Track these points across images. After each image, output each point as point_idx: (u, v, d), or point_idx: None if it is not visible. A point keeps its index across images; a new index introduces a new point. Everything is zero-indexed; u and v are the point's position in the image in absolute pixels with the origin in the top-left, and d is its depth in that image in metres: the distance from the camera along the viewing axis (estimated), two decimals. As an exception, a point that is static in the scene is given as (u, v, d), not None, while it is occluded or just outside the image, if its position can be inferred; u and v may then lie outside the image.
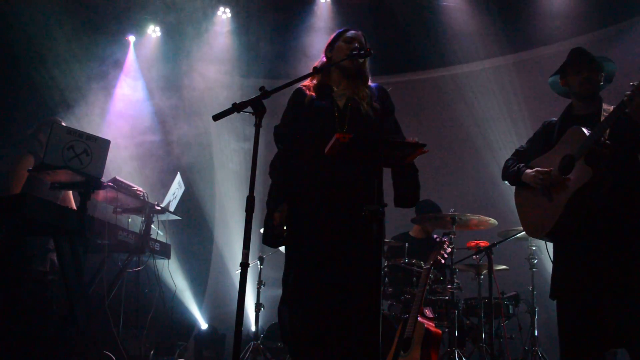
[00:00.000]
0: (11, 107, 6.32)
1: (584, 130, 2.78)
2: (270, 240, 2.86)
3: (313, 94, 2.94)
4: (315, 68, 2.75)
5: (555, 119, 3.13)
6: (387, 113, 2.96)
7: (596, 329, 2.72)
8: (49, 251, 4.46)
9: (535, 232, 3.05)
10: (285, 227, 2.82)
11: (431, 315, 4.38)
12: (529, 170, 3.02)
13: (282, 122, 3.00)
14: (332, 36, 3.07)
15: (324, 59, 3.02)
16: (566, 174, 2.83)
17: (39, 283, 4.39)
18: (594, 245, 2.77)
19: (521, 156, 3.24)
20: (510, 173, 3.16)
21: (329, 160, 2.47)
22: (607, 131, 2.71)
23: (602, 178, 2.71)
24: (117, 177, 4.65)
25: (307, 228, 2.76)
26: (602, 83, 3.01)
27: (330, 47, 3.02)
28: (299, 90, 3.00)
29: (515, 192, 3.19)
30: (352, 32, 3.01)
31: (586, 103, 2.99)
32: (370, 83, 3.01)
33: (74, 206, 4.77)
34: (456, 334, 4.47)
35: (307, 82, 3.01)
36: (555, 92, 3.18)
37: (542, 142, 3.15)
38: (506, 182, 3.24)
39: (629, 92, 2.63)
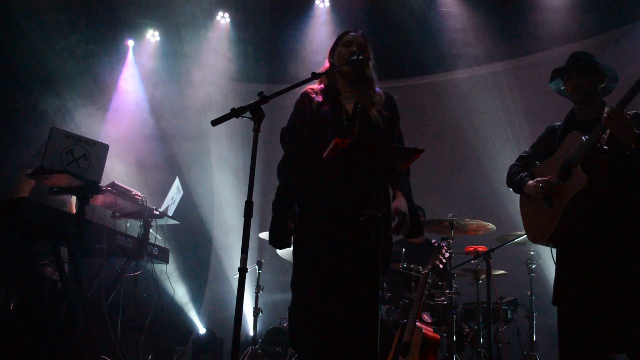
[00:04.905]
0: (11, 111, 6.32)
1: (581, 136, 2.78)
2: (276, 241, 2.82)
3: (320, 97, 2.92)
4: (314, 73, 2.73)
5: (559, 123, 3.13)
6: (393, 122, 2.95)
7: (598, 335, 2.71)
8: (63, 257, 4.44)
9: (536, 237, 3.06)
10: (293, 229, 2.78)
11: (429, 320, 4.38)
12: (530, 182, 3.03)
13: (289, 125, 2.94)
14: (334, 40, 3.04)
15: (328, 65, 3.00)
16: (565, 180, 2.84)
17: (48, 290, 4.38)
18: (595, 250, 2.76)
19: (525, 161, 3.26)
20: (514, 182, 3.19)
21: (333, 165, 2.46)
22: (606, 136, 2.70)
23: (598, 184, 2.70)
24: (116, 182, 4.65)
25: (310, 233, 2.75)
26: (604, 85, 2.99)
27: (332, 53, 3.00)
28: (306, 93, 2.97)
29: (520, 199, 3.21)
30: (352, 34, 2.98)
31: (586, 108, 2.99)
32: (377, 88, 2.98)
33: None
34: (454, 338, 4.47)
35: (314, 85, 2.99)
36: (564, 97, 3.18)
37: (545, 147, 3.16)
38: (511, 189, 3.26)
39: (605, 115, 2.65)
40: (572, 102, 3.05)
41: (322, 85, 2.98)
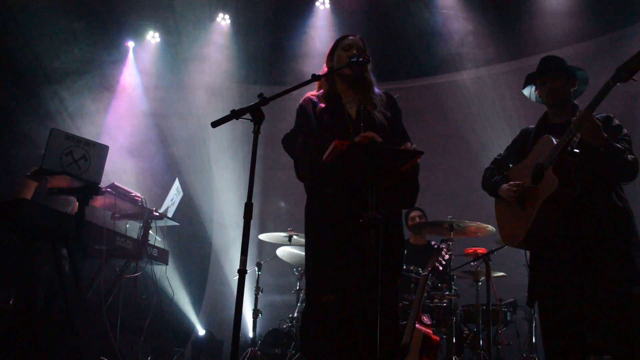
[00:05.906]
0: (10, 112, 6.33)
1: (553, 139, 2.80)
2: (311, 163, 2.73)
3: (322, 104, 2.91)
4: (314, 75, 2.71)
5: (533, 126, 3.15)
6: (396, 120, 2.95)
7: (574, 336, 2.74)
8: (62, 258, 4.45)
9: (510, 240, 3.08)
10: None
11: (429, 322, 4.38)
12: (504, 186, 3.05)
13: (293, 132, 2.93)
14: (332, 45, 3.05)
15: (326, 69, 2.99)
16: (537, 183, 2.85)
17: (47, 290, 4.38)
18: (568, 253, 2.78)
19: (499, 164, 3.29)
20: (488, 186, 3.21)
21: (336, 168, 2.46)
22: (577, 140, 2.71)
23: (569, 187, 2.71)
24: (116, 183, 4.65)
25: (319, 236, 2.76)
26: (576, 88, 3.03)
27: (331, 57, 3.01)
28: (308, 100, 2.96)
29: (495, 203, 3.23)
30: (351, 38, 2.99)
31: (559, 111, 3.02)
32: (375, 89, 2.98)
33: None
34: (454, 340, 4.47)
35: (314, 92, 3.00)
36: (535, 101, 3.21)
37: (519, 150, 3.19)
38: (486, 191, 3.27)
39: (575, 119, 2.67)
40: (546, 106, 3.09)
41: (321, 91, 2.98)
